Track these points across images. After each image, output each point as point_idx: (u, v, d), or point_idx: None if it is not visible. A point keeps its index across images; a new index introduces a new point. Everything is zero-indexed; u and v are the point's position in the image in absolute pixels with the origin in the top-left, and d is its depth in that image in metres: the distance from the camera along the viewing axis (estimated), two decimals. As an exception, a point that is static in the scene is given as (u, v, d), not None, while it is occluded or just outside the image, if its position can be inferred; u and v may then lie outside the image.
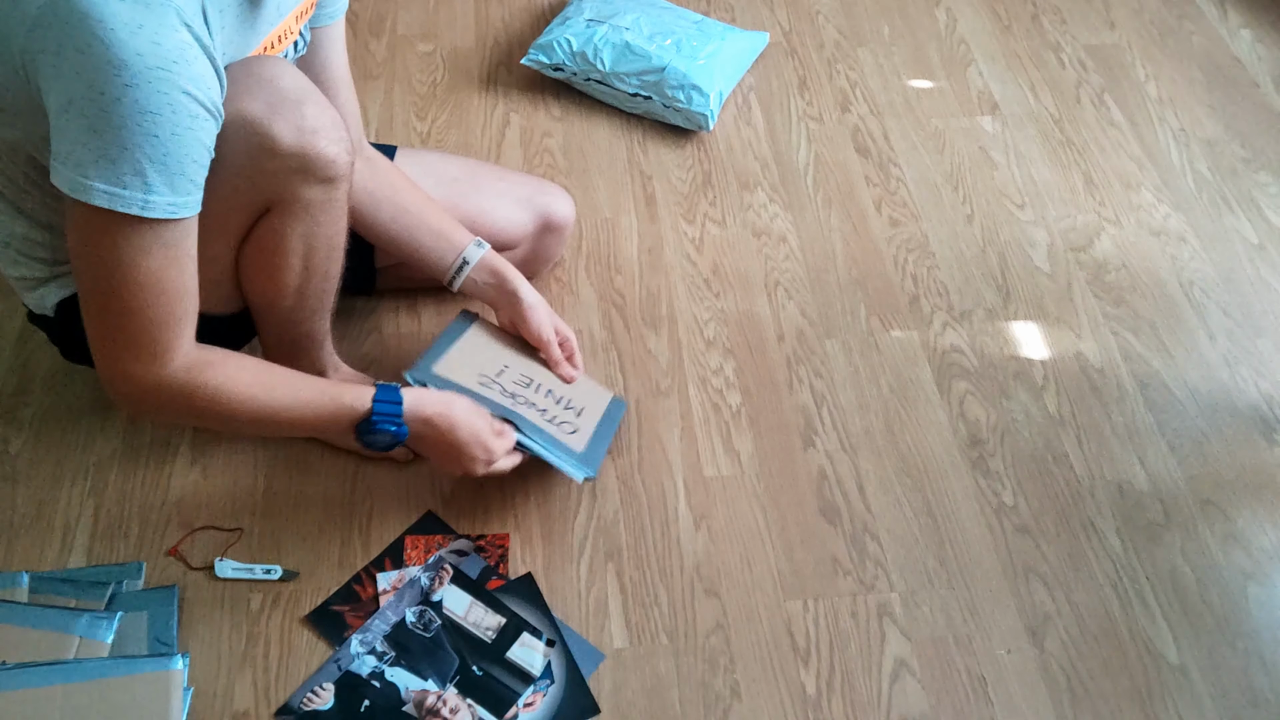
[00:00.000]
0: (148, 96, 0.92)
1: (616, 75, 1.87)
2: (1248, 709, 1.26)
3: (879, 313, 1.64)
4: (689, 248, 1.71)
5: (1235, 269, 1.74)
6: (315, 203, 1.15)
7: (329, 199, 1.16)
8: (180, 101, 0.94)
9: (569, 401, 1.41)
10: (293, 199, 1.13)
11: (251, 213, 1.15)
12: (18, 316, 1.55)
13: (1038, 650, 1.30)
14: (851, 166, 1.86)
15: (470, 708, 1.21)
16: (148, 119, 0.93)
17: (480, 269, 1.38)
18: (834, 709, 1.24)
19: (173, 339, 1.05)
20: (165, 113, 0.94)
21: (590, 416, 1.41)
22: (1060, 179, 1.86)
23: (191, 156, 0.98)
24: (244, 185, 1.11)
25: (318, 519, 1.37)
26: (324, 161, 1.12)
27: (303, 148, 1.10)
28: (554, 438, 1.34)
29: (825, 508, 1.41)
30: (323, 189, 1.14)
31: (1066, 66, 2.08)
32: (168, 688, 1.15)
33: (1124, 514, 1.43)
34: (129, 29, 0.90)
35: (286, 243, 1.17)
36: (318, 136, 1.10)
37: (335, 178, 1.14)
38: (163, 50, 0.92)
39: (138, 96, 0.92)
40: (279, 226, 1.15)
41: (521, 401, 1.36)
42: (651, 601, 1.32)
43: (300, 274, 1.21)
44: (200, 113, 0.97)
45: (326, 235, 1.20)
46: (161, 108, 0.93)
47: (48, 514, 1.36)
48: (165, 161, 0.96)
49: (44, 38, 0.92)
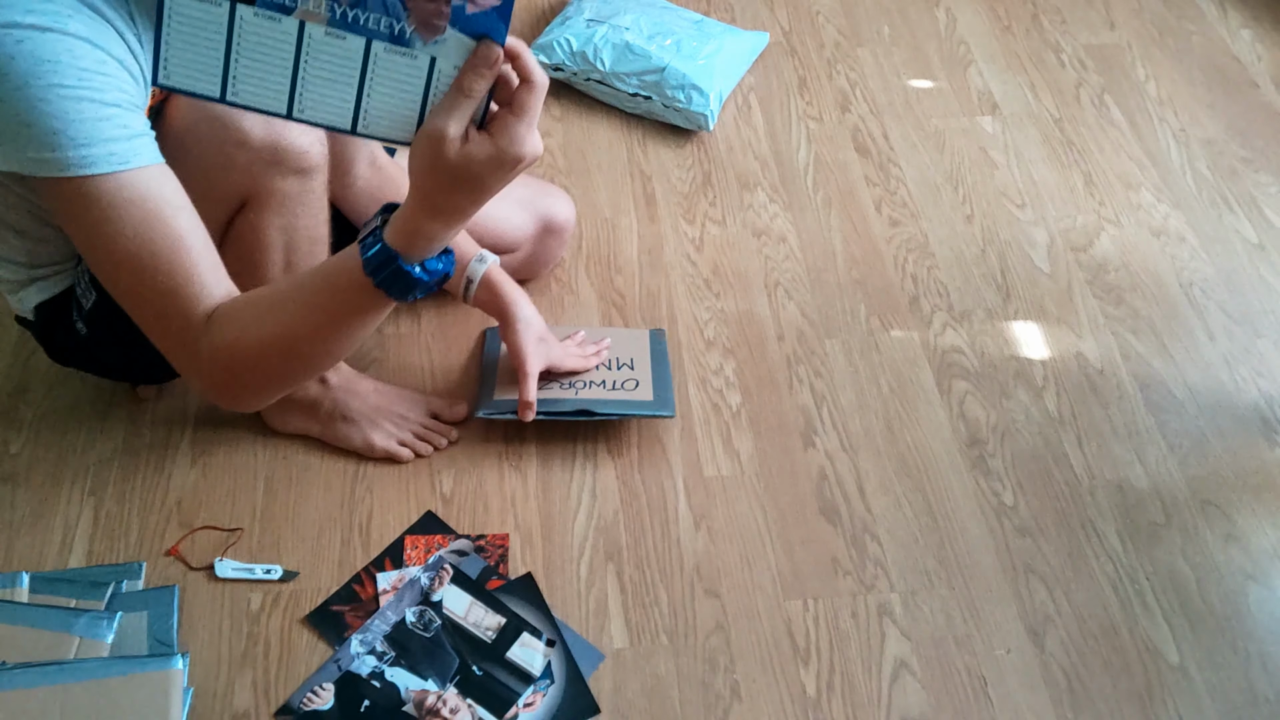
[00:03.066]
0: (41, 46, 0.89)
1: (616, 75, 1.87)
2: (1248, 709, 1.26)
3: (879, 313, 1.64)
4: (689, 248, 1.71)
5: (1235, 269, 1.74)
6: (291, 195, 1.14)
7: (304, 190, 1.15)
8: (81, 47, 0.91)
9: (619, 360, 1.49)
10: (267, 192, 1.12)
11: (226, 208, 1.13)
12: (18, 316, 1.55)
13: (1038, 650, 1.30)
14: (851, 166, 1.86)
15: (470, 708, 1.21)
16: (45, 67, 0.89)
17: (482, 285, 1.39)
18: (834, 709, 1.24)
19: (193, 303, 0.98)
20: (65, 58, 0.90)
21: (642, 363, 1.49)
22: (1060, 179, 1.86)
23: (112, 100, 0.92)
24: (217, 179, 1.09)
25: (318, 519, 1.37)
26: (296, 152, 1.11)
27: (273, 139, 1.09)
28: (626, 401, 1.42)
29: (825, 508, 1.41)
30: (297, 180, 1.13)
31: (1066, 66, 2.08)
32: (168, 688, 1.15)
33: (1124, 514, 1.43)
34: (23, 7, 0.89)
35: (265, 237, 1.16)
36: (288, 127, 1.09)
37: (308, 168, 1.13)
38: (54, 9, 0.90)
39: (32, 48, 0.88)
40: (256, 221, 1.14)
41: (582, 386, 1.44)
42: (651, 601, 1.32)
43: (282, 269, 1.20)
44: (108, 60, 0.93)
45: (306, 228, 1.19)
46: (60, 54, 0.89)
47: (48, 514, 1.36)
48: (81, 110, 0.91)
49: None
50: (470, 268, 1.38)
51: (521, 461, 1.44)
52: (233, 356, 0.98)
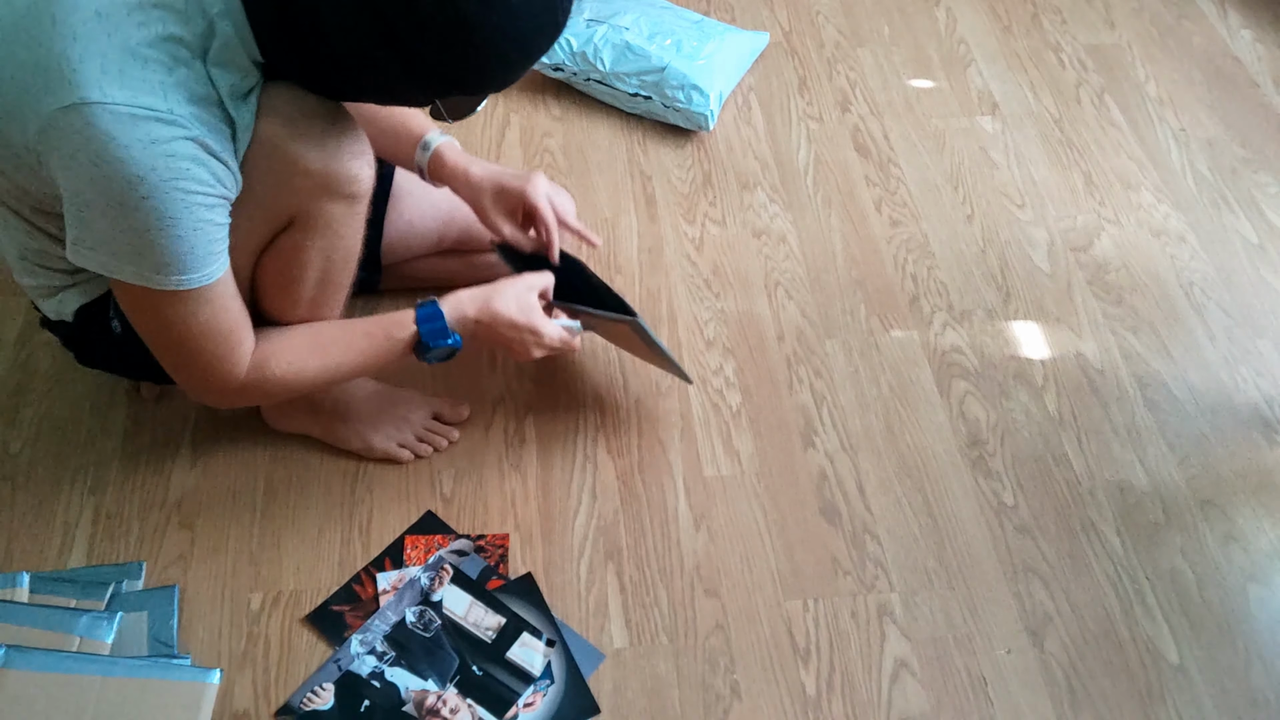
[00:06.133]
0: (165, 205, 0.97)
1: (616, 75, 1.87)
2: (1248, 709, 1.26)
3: (879, 313, 1.64)
4: (689, 248, 1.71)
5: (1235, 269, 1.74)
6: (336, 218, 1.15)
7: (350, 214, 1.16)
8: (195, 200, 0.99)
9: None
10: (315, 215, 1.13)
11: (275, 228, 1.15)
12: (18, 317, 1.55)
13: (1038, 650, 1.30)
14: (851, 166, 1.86)
15: (470, 708, 1.21)
16: (167, 223, 0.98)
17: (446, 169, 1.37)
18: (834, 709, 1.24)
19: (236, 359, 1.13)
20: (183, 215, 0.98)
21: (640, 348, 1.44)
22: (1060, 179, 1.86)
23: (213, 237, 1.03)
24: (271, 204, 1.11)
25: (318, 519, 1.37)
26: (348, 179, 1.12)
27: (329, 166, 1.10)
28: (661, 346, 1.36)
29: (825, 508, 1.41)
30: (345, 205, 1.14)
31: (1066, 66, 2.08)
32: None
33: (1124, 514, 1.43)
34: (142, 144, 0.94)
35: (305, 255, 1.17)
36: (342, 153, 1.10)
37: (357, 195, 1.15)
38: (176, 162, 0.96)
39: (156, 204, 0.96)
40: (301, 241, 1.16)
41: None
42: (651, 601, 1.32)
43: (315, 286, 1.21)
44: (215, 203, 1.02)
45: (345, 248, 1.20)
46: (180, 212, 0.98)
47: (48, 514, 1.36)
48: (192, 251, 1.01)
49: (56, 141, 0.95)
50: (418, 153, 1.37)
51: (521, 461, 1.44)
52: (276, 384, 1.17)
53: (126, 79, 0.93)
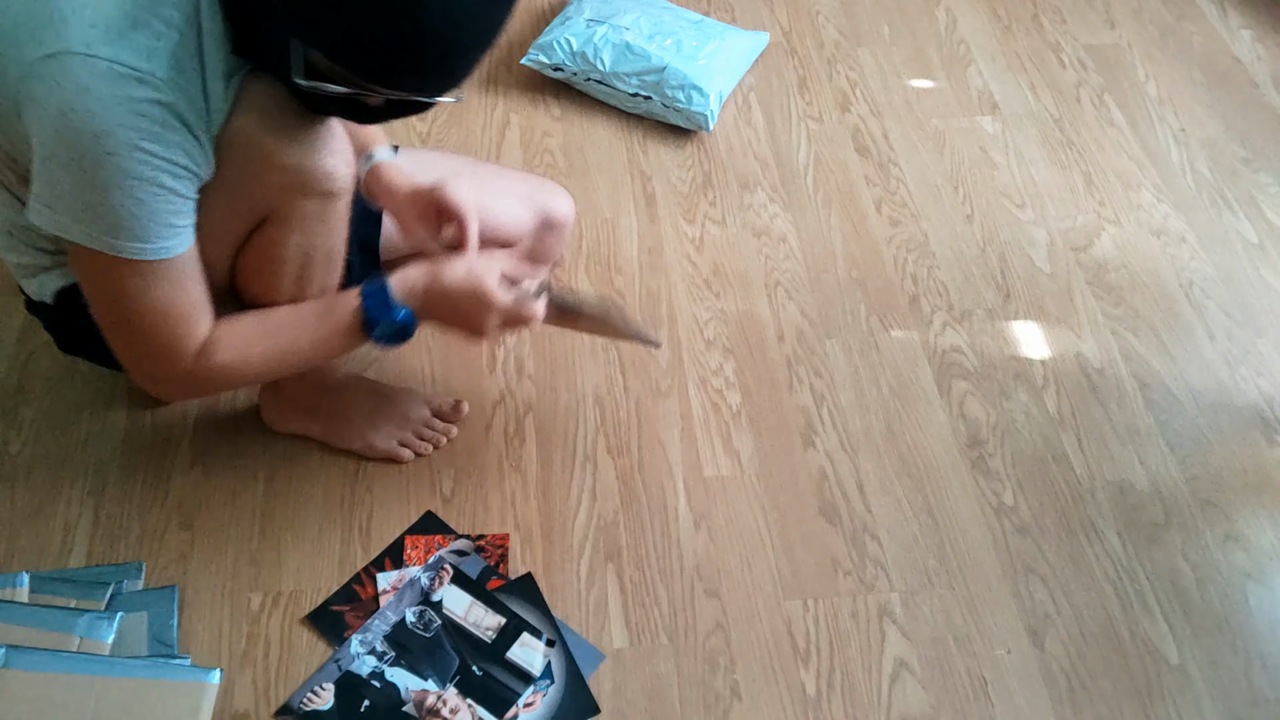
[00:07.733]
0: (128, 164, 0.95)
1: (616, 75, 1.87)
2: (1248, 709, 1.26)
3: (879, 313, 1.64)
4: (689, 248, 1.71)
5: (1235, 269, 1.74)
6: (312, 215, 1.14)
7: (326, 211, 1.15)
8: (160, 165, 0.97)
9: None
10: (290, 211, 1.13)
11: (250, 222, 1.14)
12: (19, 316, 1.54)
13: (1038, 650, 1.30)
14: (851, 166, 1.86)
15: (470, 708, 1.21)
16: (129, 183, 0.96)
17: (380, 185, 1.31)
18: (834, 709, 1.24)
19: (186, 343, 1.10)
20: (146, 176, 0.97)
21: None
22: (1060, 179, 1.86)
23: (174, 209, 1.01)
24: (245, 197, 1.11)
25: (318, 519, 1.37)
26: (323, 175, 1.11)
27: (304, 162, 1.09)
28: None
29: (825, 508, 1.41)
30: (321, 202, 1.13)
31: (1066, 66, 2.08)
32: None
33: (1124, 514, 1.43)
34: (115, 100, 0.93)
35: (283, 252, 1.17)
36: (318, 151, 1.10)
37: (335, 191, 1.14)
38: (145, 123, 0.95)
39: (119, 162, 0.95)
40: (276, 237, 1.15)
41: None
42: (651, 602, 1.32)
43: (295, 283, 1.20)
44: (180, 173, 1.00)
45: (324, 247, 1.19)
46: (143, 173, 0.96)
47: (48, 514, 1.36)
48: (152, 217, 0.99)
49: (32, 88, 0.94)
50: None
51: (521, 461, 1.44)
52: (223, 373, 1.14)
53: (113, 36, 0.93)
